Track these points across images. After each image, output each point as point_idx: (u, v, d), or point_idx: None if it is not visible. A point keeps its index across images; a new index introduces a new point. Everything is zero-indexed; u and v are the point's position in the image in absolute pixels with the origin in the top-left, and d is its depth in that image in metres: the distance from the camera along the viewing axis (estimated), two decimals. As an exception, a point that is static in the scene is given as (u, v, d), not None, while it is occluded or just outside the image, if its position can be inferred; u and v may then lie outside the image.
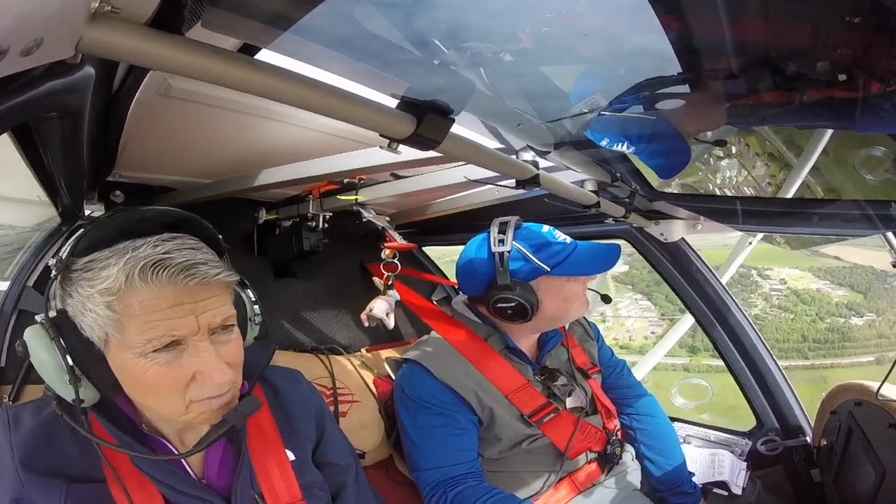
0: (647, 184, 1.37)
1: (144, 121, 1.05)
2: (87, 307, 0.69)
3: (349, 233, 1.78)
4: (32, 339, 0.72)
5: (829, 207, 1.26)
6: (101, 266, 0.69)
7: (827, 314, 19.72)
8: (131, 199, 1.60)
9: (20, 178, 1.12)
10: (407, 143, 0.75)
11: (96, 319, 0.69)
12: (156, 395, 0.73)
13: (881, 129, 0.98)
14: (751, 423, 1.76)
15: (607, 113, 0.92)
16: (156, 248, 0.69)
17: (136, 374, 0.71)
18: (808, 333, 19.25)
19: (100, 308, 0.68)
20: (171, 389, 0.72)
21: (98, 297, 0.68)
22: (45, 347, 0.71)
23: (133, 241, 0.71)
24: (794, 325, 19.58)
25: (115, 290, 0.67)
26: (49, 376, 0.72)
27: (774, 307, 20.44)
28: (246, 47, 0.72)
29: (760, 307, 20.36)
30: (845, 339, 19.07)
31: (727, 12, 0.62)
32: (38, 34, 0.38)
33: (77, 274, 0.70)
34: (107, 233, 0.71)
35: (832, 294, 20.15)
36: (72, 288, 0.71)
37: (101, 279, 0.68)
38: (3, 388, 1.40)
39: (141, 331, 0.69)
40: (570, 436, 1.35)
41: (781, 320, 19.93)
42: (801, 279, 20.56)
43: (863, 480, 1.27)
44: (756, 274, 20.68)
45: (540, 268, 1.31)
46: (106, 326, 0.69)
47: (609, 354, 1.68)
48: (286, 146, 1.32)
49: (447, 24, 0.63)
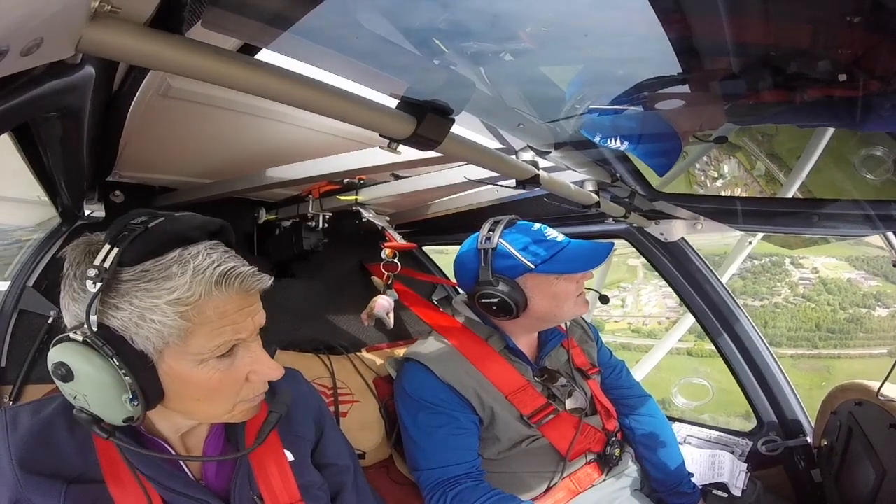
0: (647, 184, 1.37)
1: (144, 121, 1.05)
2: (146, 318, 0.66)
3: (349, 233, 1.78)
4: (79, 358, 0.66)
5: (829, 207, 1.26)
6: (163, 276, 0.67)
7: (851, 304, 19.63)
8: (131, 199, 1.60)
9: (20, 178, 1.12)
10: (407, 143, 0.75)
11: (159, 330, 0.67)
12: (210, 401, 0.74)
13: (881, 128, 0.98)
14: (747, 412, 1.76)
15: (607, 113, 0.92)
16: (210, 255, 0.70)
17: (196, 381, 0.71)
18: (824, 323, 19.18)
19: (168, 318, 0.66)
20: (229, 392, 0.74)
21: (167, 308, 0.66)
22: (100, 366, 0.66)
23: (183, 249, 0.69)
24: (812, 315, 19.51)
25: (191, 299, 0.67)
26: (100, 397, 0.68)
27: (798, 296, 20.38)
28: (246, 47, 0.72)
29: (784, 296, 20.34)
30: (863, 330, 19.00)
31: (727, 12, 0.62)
32: (38, 34, 0.38)
33: (130, 285, 0.67)
34: (155, 242, 0.68)
35: (863, 284, 20.03)
36: (122, 300, 0.67)
37: (169, 289, 0.66)
38: (4, 388, 1.40)
39: (210, 337, 0.69)
40: (572, 438, 1.35)
41: (800, 309, 19.87)
42: (836, 269, 20.39)
43: (863, 480, 1.26)
44: (789, 262, 20.66)
45: (523, 264, 1.32)
46: (169, 336, 0.67)
47: (608, 355, 1.68)
48: (286, 146, 1.32)
49: (447, 23, 0.63)
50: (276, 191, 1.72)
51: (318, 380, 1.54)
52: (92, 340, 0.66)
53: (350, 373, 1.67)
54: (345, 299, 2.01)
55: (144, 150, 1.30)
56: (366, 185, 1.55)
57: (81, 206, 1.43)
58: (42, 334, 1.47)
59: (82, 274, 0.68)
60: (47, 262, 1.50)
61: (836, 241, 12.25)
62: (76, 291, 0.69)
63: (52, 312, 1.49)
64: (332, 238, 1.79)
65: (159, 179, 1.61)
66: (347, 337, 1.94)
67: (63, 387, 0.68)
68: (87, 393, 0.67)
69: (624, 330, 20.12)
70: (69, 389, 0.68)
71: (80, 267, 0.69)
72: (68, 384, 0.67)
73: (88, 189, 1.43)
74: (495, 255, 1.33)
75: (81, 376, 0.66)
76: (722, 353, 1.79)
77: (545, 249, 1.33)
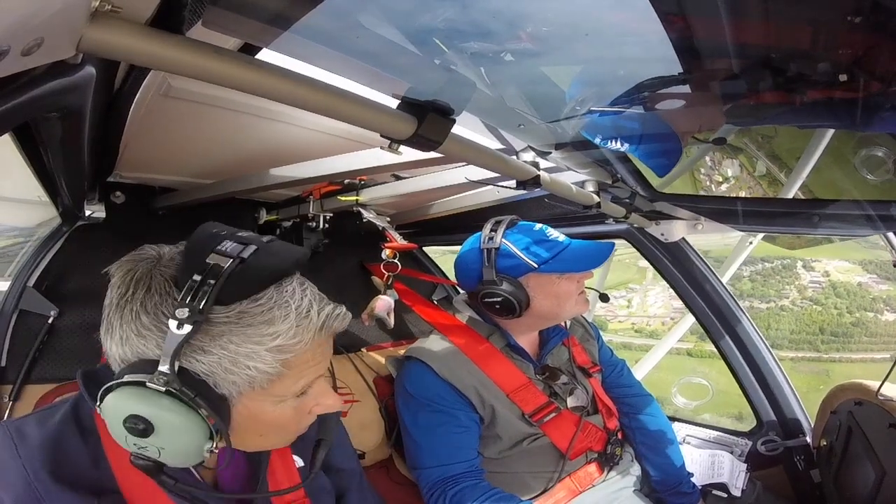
0: (647, 184, 1.37)
1: (145, 121, 1.04)
2: (239, 363, 0.61)
3: (350, 233, 1.78)
4: (162, 410, 0.59)
5: (829, 207, 1.26)
6: (265, 319, 0.61)
7: (858, 308, 19.55)
8: (132, 199, 1.60)
9: (20, 178, 1.12)
10: (408, 143, 0.75)
11: (251, 376, 0.62)
12: (274, 435, 0.72)
13: (882, 129, 0.98)
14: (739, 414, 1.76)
15: (608, 114, 0.92)
16: (304, 295, 0.65)
17: (268, 419, 0.68)
18: (828, 327, 19.13)
19: (266, 364, 0.62)
20: (295, 427, 0.72)
21: (267, 354, 0.62)
22: (187, 419, 0.60)
23: (278, 285, 0.64)
24: (817, 318, 19.44)
25: (296, 346, 0.63)
26: (179, 448, 0.61)
27: (806, 299, 20.31)
28: (246, 47, 0.72)
29: (791, 298, 20.27)
30: (867, 334, 18.95)
31: (728, 13, 0.62)
32: (39, 34, 0.38)
33: (224, 328, 0.60)
34: (253, 279, 0.62)
35: (873, 288, 19.93)
36: (213, 343, 0.60)
37: (272, 334, 0.61)
38: (4, 388, 1.40)
39: (296, 379, 0.66)
40: (572, 436, 1.35)
41: (806, 312, 19.81)
42: (848, 272, 20.29)
43: (863, 480, 1.26)
44: (801, 265, 20.58)
45: (526, 264, 1.32)
46: (259, 382, 0.63)
47: (609, 354, 1.68)
48: (287, 146, 1.32)
49: (448, 23, 0.63)
50: (277, 191, 1.72)
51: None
52: (178, 391, 0.59)
53: (350, 372, 1.67)
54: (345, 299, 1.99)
55: (145, 151, 1.29)
56: (366, 185, 1.55)
57: (82, 206, 1.43)
58: (42, 334, 1.47)
59: (159, 308, 0.60)
60: (48, 262, 1.50)
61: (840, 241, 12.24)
62: (146, 327, 0.60)
63: (51, 312, 1.49)
64: (333, 238, 1.79)
65: (160, 180, 1.61)
66: (347, 337, 1.94)
67: (133, 440, 0.60)
68: (166, 446, 0.60)
69: (627, 330, 20.12)
70: (141, 443, 0.60)
71: (151, 297, 0.61)
72: (143, 439, 0.59)
73: (89, 189, 1.43)
74: (498, 254, 1.33)
75: (164, 430, 0.59)
76: (722, 353, 1.79)
77: (547, 249, 1.33)
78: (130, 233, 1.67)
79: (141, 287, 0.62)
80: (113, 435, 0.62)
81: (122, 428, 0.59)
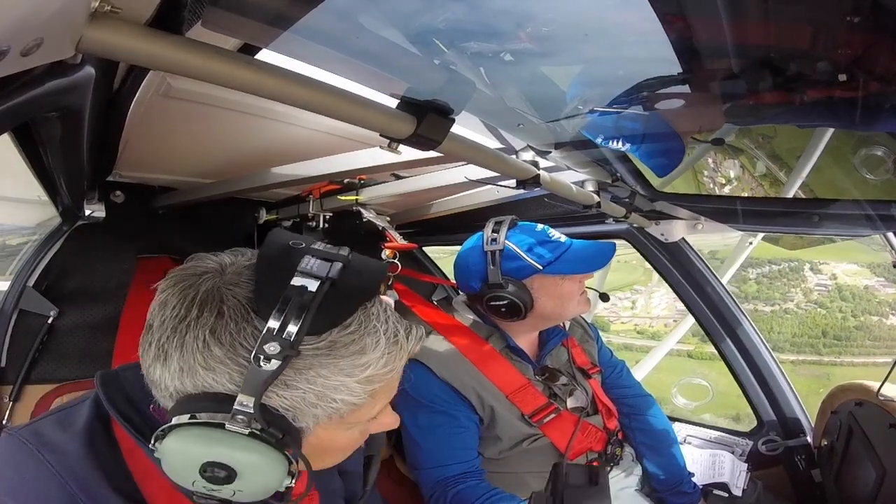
0: (647, 184, 1.37)
1: (144, 121, 1.05)
2: (327, 397, 0.56)
3: (349, 233, 1.78)
4: (245, 454, 0.52)
5: (829, 207, 1.26)
6: (356, 349, 0.56)
7: (863, 312, 19.33)
8: (132, 198, 1.60)
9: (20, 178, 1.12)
10: (407, 143, 0.75)
11: (337, 409, 0.57)
12: (336, 458, 0.68)
13: (882, 128, 0.98)
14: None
15: (608, 113, 0.92)
16: (388, 317, 0.60)
17: (339, 446, 0.64)
18: (831, 330, 19.00)
19: (355, 397, 0.57)
20: (356, 446, 0.68)
21: (357, 387, 0.57)
22: (273, 461, 0.53)
23: (363, 309, 0.58)
24: (821, 321, 19.32)
25: (387, 375, 0.59)
26: (258, 490, 0.54)
27: (811, 302, 20.08)
28: (246, 47, 0.72)
29: (796, 301, 20.05)
30: (871, 338, 18.84)
31: (727, 13, 0.62)
32: (39, 34, 0.38)
33: (312, 360, 0.54)
34: (344, 304, 0.56)
35: (880, 292, 19.65)
36: (299, 376, 0.54)
37: (363, 365, 0.56)
38: (4, 388, 1.40)
39: (373, 405, 0.62)
40: (571, 436, 1.35)
41: (810, 315, 19.66)
42: (856, 275, 20.00)
43: (863, 480, 1.26)
44: (808, 268, 20.33)
45: (532, 266, 1.32)
46: (342, 412, 0.58)
47: (609, 355, 1.68)
48: (286, 146, 1.32)
49: (447, 23, 0.63)
50: (277, 191, 1.72)
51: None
52: (264, 433, 0.52)
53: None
54: (345, 299, 2.01)
55: (145, 150, 1.30)
56: (366, 185, 1.55)
57: (82, 205, 1.43)
58: (42, 334, 1.47)
59: (236, 339, 0.53)
60: (47, 261, 1.50)
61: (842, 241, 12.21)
62: (218, 360, 0.52)
63: (51, 312, 1.49)
64: (333, 238, 1.78)
65: (159, 179, 1.61)
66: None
67: (204, 484, 0.53)
68: (245, 489, 0.53)
69: (629, 331, 20.06)
70: (216, 488, 0.53)
71: (226, 326, 0.53)
72: (219, 485, 0.53)
73: (89, 189, 1.43)
74: (502, 256, 1.33)
75: (247, 475, 0.52)
76: (722, 353, 1.79)
77: (550, 250, 1.33)
78: (130, 232, 1.68)
79: (209, 311, 0.54)
80: (175, 478, 0.54)
81: (195, 474, 0.53)
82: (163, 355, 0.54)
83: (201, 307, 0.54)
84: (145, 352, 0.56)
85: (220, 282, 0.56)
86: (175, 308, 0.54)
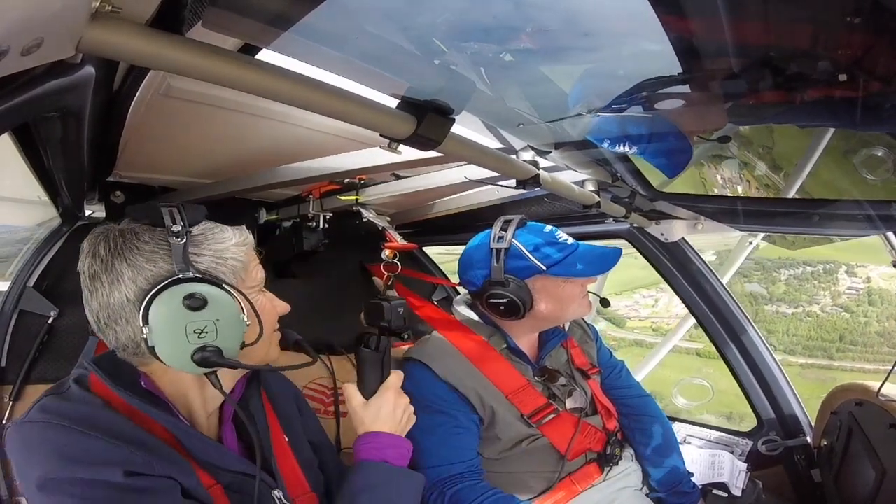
0: (647, 184, 1.37)
1: (145, 121, 1.05)
2: (221, 258, 0.80)
3: (349, 233, 1.78)
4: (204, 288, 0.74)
5: (829, 207, 1.26)
6: (218, 231, 0.82)
7: (889, 317, 18.91)
8: (132, 198, 1.60)
9: (20, 178, 1.13)
10: (407, 143, 0.75)
11: (230, 265, 0.81)
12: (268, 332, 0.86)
13: (882, 128, 0.98)
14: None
15: (608, 113, 0.92)
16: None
17: (263, 307, 0.85)
18: (850, 335, 18.70)
19: (235, 256, 0.82)
20: (274, 322, 0.90)
21: (234, 248, 0.82)
22: (220, 292, 0.76)
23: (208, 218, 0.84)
24: (841, 326, 19.03)
25: (244, 244, 0.84)
26: (228, 318, 0.76)
27: (837, 306, 19.69)
28: (246, 47, 0.72)
29: (822, 305, 19.64)
30: (890, 345, 18.35)
31: (728, 12, 0.62)
32: (39, 34, 0.38)
33: (201, 238, 0.80)
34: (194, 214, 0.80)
35: None
36: (200, 249, 0.79)
37: (227, 239, 0.82)
38: (4, 388, 1.40)
39: (254, 267, 0.86)
40: (571, 437, 1.35)
41: (831, 319, 19.38)
42: (892, 279, 19.42)
43: (863, 480, 1.26)
44: (844, 270, 19.88)
45: (535, 266, 1.32)
46: (238, 271, 0.82)
47: (608, 355, 1.68)
48: (286, 146, 1.32)
49: (447, 23, 0.63)
50: (277, 191, 1.72)
51: (319, 380, 1.54)
52: (204, 275, 0.76)
53: (350, 373, 1.66)
54: (345, 299, 2.01)
55: (145, 150, 1.30)
56: (366, 185, 1.55)
57: (82, 205, 1.43)
58: (42, 334, 1.47)
59: (153, 236, 0.76)
60: (48, 262, 1.50)
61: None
62: (150, 252, 0.75)
63: (51, 312, 1.49)
64: (333, 238, 1.79)
65: (159, 179, 1.61)
66: (348, 337, 1.94)
67: (193, 324, 0.74)
68: (219, 317, 0.75)
69: (645, 328, 19.83)
70: (200, 319, 0.74)
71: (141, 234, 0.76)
72: (200, 312, 0.74)
73: (89, 189, 1.43)
74: (508, 255, 1.33)
75: (214, 301, 0.74)
76: (722, 352, 1.79)
77: (556, 252, 1.33)
78: None
79: (128, 235, 0.77)
80: (168, 344, 0.73)
81: (187, 308, 0.73)
82: (115, 277, 0.75)
83: (123, 236, 0.77)
84: (98, 290, 0.76)
85: (118, 226, 0.79)
86: (106, 246, 0.76)
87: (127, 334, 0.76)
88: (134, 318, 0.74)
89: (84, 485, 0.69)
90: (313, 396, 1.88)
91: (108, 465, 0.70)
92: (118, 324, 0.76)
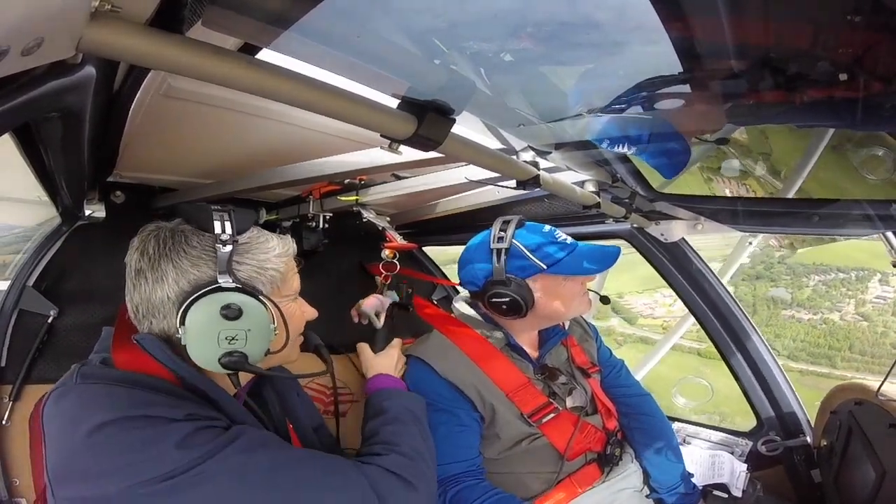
0: (647, 184, 1.37)
1: (145, 121, 1.05)
2: (262, 268, 0.85)
3: (350, 233, 1.78)
4: (241, 298, 0.79)
5: (829, 207, 1.26)
6: (263, 240, 0.87)
7: None
8: (132, 199, 1.60)
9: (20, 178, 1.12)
10: (408, 143, 0.75)
11: (270, 275, 0.86)
12: (294, 337, 0.93)
13: (882, 128, 0.98)
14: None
15: (608, 114, 0.92)
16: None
17: (292, 313, 0.91)
18: (860, 344, 18.42)
19: (275, 266, 0.86)
20: (301, 328, 0.96)
21: (276, 259, 0.87)
22: (257, 303, 0.81)
23: (256, 225, 0.90)
24: (855, 335, 18.73)
25: (286, 254, 0.89)
26: (259, 328, 0.81)
27: (857, 315, 19.45)
28: (246, 47, 0.72)
29: (842, 312, 19.34)
30: None
31: (728, 12, 0.62)
32: (39, 34, 0.38)
33: (246, 247, 0.84)
34: (243, 222, 0.85)
35: None
36: (243, 257, 0.84)
37: (272, 248, 0.87)
38: (4, 388, 1.40)
39: (293, 277, 0.92)
40: (570, 436, 1.35)
41: (846, 328, 19.10)
42: None
43: (863, 480, 1.26)
44: (878, 279, 19.55)
45: (536, 265, 1.32)
46: (276, 281, 0.87)
47: (608, 354, 1.68)
48: (286, 146, 1.32)
49: (448, 23, 0.63)
50: (277, 191, 1.72)
51: (319, 380, 1.54)
52: (244, 285, 0.81)
53: (350, 373, 1.67)
54: (345, 300, 2.00)
55: (145, 151, 1.30)
56: (366, 185, 1.55)
57: (82, 206, 1.43)
58: (42, 334, 1.47)
59: (202, 241, 0.81)
60: (47, 261, 1.50)
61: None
62: (196, 257, 0.80)
63: (51, 312, 1.49)
64: (333, 238, 1.79)
65: (160, 180, 1.61)
66: (348, 337, 1.94)
67: (225, 332, 0.78)
68: (251, 327, 0.80)
69: (655, 326, 19.64)
70: (233, 327, 0.78)
71: (191, 238, 0.81)
72: (234, 321, 0.78)
73: (89, 189, 1.43)
74: (508, 255, 1.33)
75: (249, 311, 0.79)
76: (721, 352, 1.79)
77: (556, 251, 1.33)
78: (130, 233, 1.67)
79: (178, 236, 0.81)
80: (199, 346, 0.78)
81: (218, 318, 0.77)
82: (160, 276, 0.79)
83: (173, 237, 0.81)
84: (142, 286, 0.80)
85: (170, 225, 0.84)
86: (156, 245, 0.81)
87: (161, 327, 0.81)
88: (171, 316, 0.79)
89: (146, 421, 0.72)
90: (314, 396, 1.87)
91: (172, 408, 0.75)
92: (155, 317, 0.81)
